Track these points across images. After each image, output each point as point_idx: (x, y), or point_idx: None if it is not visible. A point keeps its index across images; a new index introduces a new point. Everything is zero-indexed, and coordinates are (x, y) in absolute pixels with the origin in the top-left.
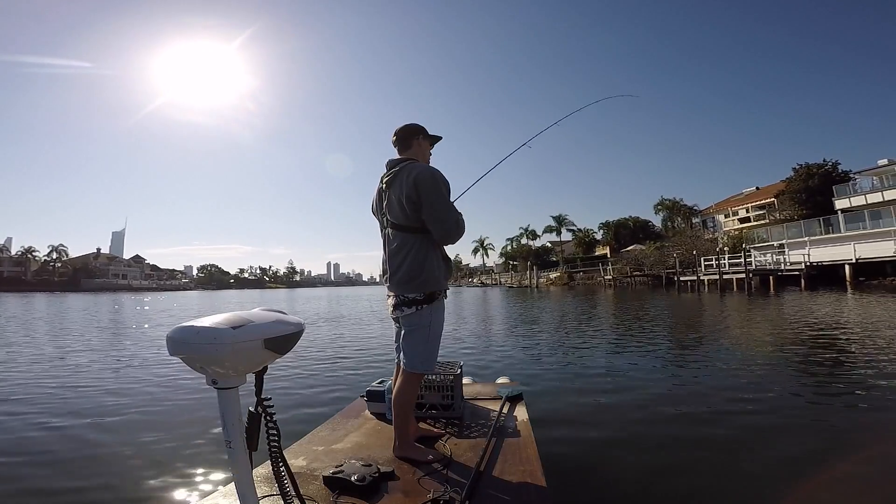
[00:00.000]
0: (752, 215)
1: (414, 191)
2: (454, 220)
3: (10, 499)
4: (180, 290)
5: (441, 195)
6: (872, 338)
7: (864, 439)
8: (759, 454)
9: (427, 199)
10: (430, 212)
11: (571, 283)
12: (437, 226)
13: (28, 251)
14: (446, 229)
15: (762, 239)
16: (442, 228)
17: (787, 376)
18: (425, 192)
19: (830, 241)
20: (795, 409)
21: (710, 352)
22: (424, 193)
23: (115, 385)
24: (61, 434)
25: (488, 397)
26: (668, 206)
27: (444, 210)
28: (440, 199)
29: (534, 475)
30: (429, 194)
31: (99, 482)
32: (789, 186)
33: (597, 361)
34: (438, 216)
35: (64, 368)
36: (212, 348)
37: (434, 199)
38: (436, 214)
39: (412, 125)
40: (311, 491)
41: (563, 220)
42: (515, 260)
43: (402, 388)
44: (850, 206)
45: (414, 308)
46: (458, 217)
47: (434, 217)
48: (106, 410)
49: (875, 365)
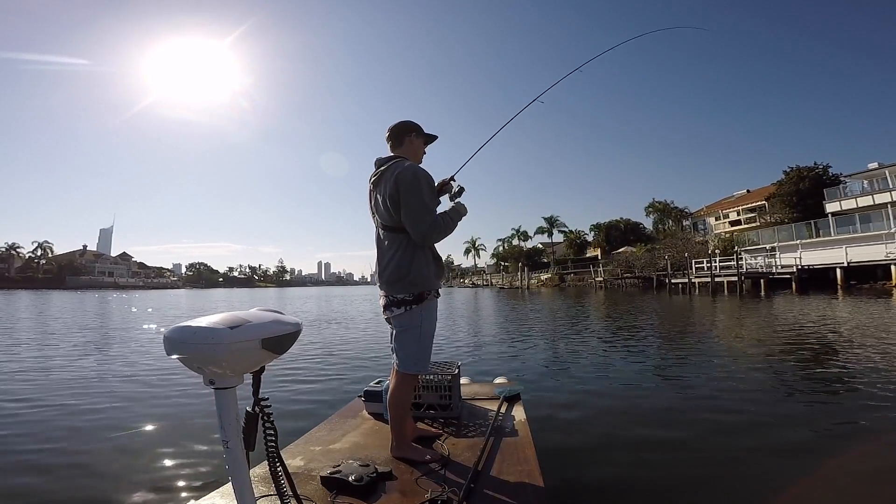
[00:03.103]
0: (743, 218)
1: (395, 190)
2: (430, 222)
3: (5, 500)
4: (168, 288)
5: (419, 195)
6: (863, 340)
7: (857, 440)
8: (756, 455)
9: (404, 199)
10: (405, 213)
11: (562, 284)
12: (412, 227)
13: (12, 247)
14: (422, 231)
15: (753, 242)
16: (418, 231)
17: (781, 378)
18: (403, 192)
19: (822, 245)
20: (791, 410)
21: (706, 353)
22: (403, 192)
23: (111, 385)
24: (58, 434)
25: (486, 397)
26: (660, 209)
27: (421, 211)
28: (417, 199)
29: (531, 475)
30: (406, 194)
31: (96, 482)
32: (780, 189)
33: (594, 362)
34: (413, 217)
35: (59, 369)
36: (209, 348)
37: (410, 198)
38: (411, 216)
39: (406, 122)
40: (309, 491)
41: (554, 221)
42: (507, 261)
43: (397, 388)
44: (841, 210)
45: (404, 308)
46: (436, 219)
47: (409, 218)
48: (102, 410)
49: (866, 366)
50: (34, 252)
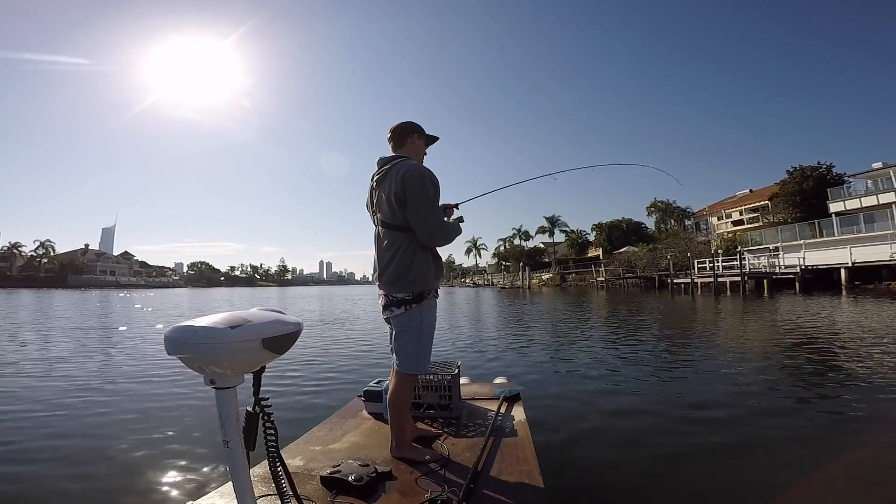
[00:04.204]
0: (746, 218)
1: (402, 188)
2: (437, 221)
3: (8, 500)
4: (170, 287)
5: (426, 195)
6: (867, 342)
7: (859, 441)
8: (756, 455)
9: (412, 198)
10: (413, 211)
11: (564, 284)
12: (419, 226)
13: (14, 246)
14: (429, 230)
15: (756, 242)
16: (424, 229)
17: (783, 379)
18: (411, 191)
19: (825, 245)
20: (792, 411)
21: (708, 354)
22: (410, 191)
23: (111, 384)
24: (57, 434)
25: (486, 397)
26: (661, 209)
27: (428, 210)
28: (425, 198)
29: (531, 475)
30: (414, 193)
31: (95, 482)
32: (783, 189)
33: (594, 362)
34: (422, 216)
35: (58, 367)
36: (210, 348)
37: (419, 198)
38: (420, 214)
39: (408, 123)
40: (309, 491)
41: (555, 220)
42: (508, 261)
43: (396, 388)
44: (845, 210)
45: (403, 308)
46: (442, 220)
47: (417, 216)
48: (102, 410)
49: (869, 368)
50: (36, 251)
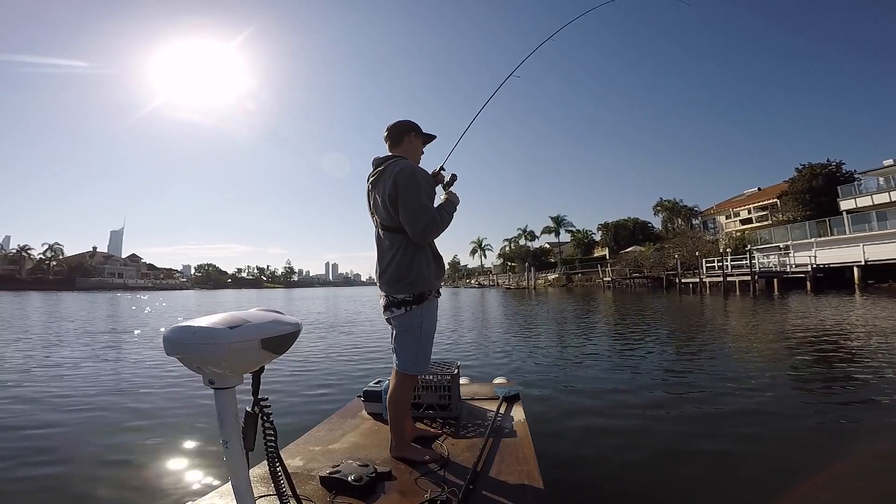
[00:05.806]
0: (754, 216)
1: (394, 190)
2: (427, 221)
3: (6, 499)
4: (177, 289)
5: (417, 195)
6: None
7: (864, 441)
8: (757, 456)
9: (402, 199)
10: (403, 211)
11: (569, 284)
12: (410, 227)
13: (23, 249)
14: (419, 231)
15: (765, 240)
16: (415, 230)
17: (790, 381)
18: (402, 190)
19: (837, 243)
20: (795, 412)
21: (713, 354)
22: (401, 193)
23: (111, 384)
24: (56, 433)
25: (485, 397)
26: (668, 207)
27: (418, 211)
28: (415, 198)
29: (531, 475)
30: (404, 193)
31: (95, 482)
32: (792, 187)
33: (594, 362)
34: (412, 217)
35: (59, 368)
36: (209, 348)
37: (408, 198)
38: (410, 216)
39: (404, 122)
40: (308, 491)
41: (561, 220)
42: (513, 261)
43: (396, 388)
44: (856, 207)
45: (404, 309)
46: (433, 218)
47: (407, 217)
48: (101, 410)
49: (878, 369)
50: (44, 254)
